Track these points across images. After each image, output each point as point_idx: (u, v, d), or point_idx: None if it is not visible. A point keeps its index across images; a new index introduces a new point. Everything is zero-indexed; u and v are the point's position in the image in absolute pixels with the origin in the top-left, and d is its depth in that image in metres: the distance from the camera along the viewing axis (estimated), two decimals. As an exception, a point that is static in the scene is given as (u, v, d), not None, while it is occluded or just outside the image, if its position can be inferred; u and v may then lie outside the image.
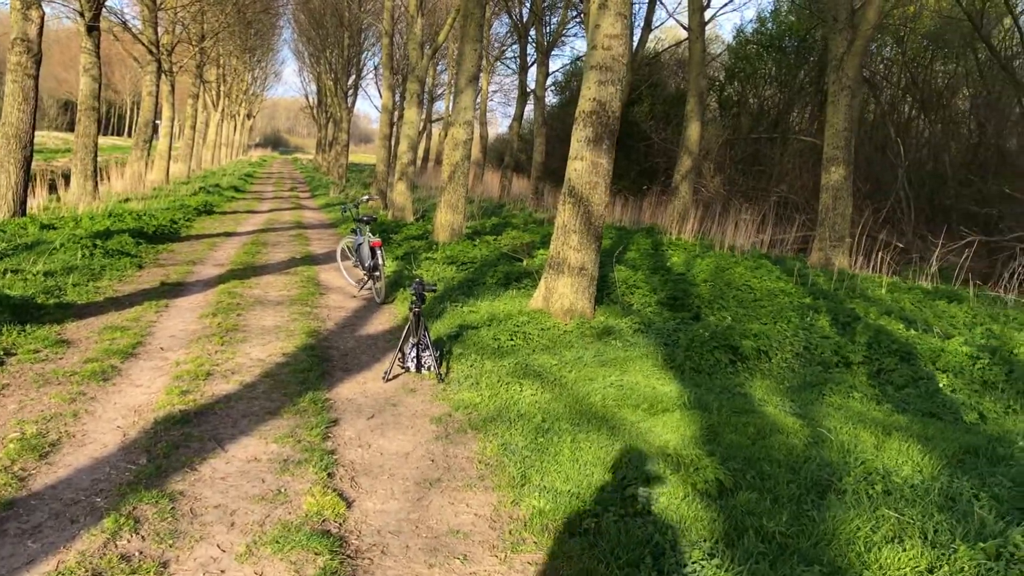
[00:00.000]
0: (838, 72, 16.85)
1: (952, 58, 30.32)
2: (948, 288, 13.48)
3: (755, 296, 11.08)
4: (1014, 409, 6.67)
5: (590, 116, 8.79)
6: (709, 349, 7.64)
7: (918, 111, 32.57)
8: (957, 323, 10.41)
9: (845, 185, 16.89)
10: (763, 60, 35.57)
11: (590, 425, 5.47)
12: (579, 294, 8.94)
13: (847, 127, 16.78)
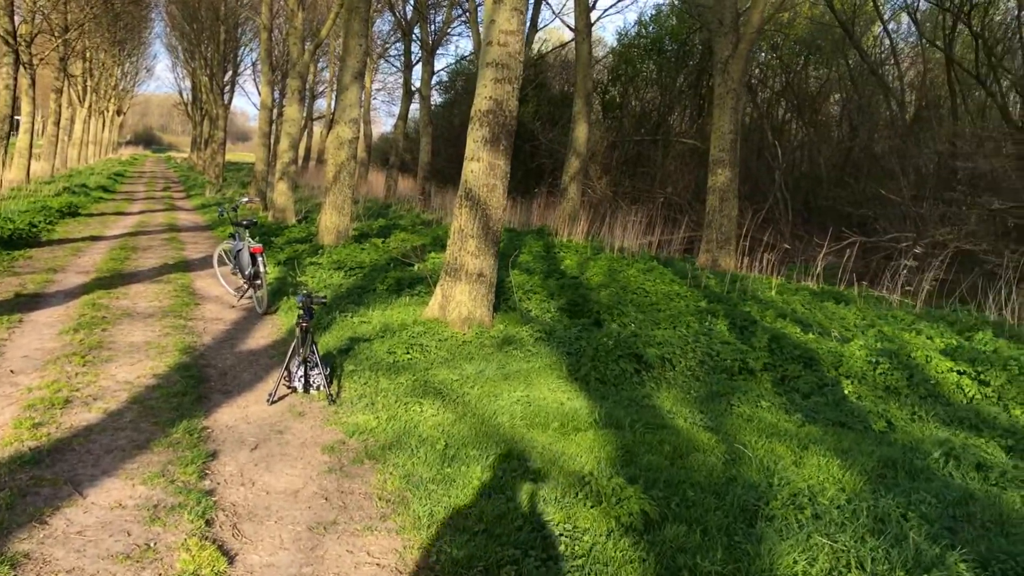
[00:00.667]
0: (723, 75, 16.99)
1: (824, 63, 31.39)
2: (834, 289, 13.70)
3: (652, 300, 10.91)
4: (920, 416, 6.61)
5: (487, 115, 8.38)
6: (614, 359, 7.34)
7: (792, 115, 33.63)
8: (848, 324, 10.49)
9: (731, 187, 17.05)
10: (644, 63, 36.01)
11: (500, 449, 5.04)
12: (478, 302, 8.52)
13: (732, 130, 16.95)
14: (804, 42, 30.98)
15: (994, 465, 5.27)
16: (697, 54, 33.38)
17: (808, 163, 30.15)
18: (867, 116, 27.67)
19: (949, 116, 22.47)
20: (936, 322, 10.54)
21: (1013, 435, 6.11)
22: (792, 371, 7.48)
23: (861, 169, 26.10)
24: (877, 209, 21.16)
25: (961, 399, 7.11)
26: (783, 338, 8.16)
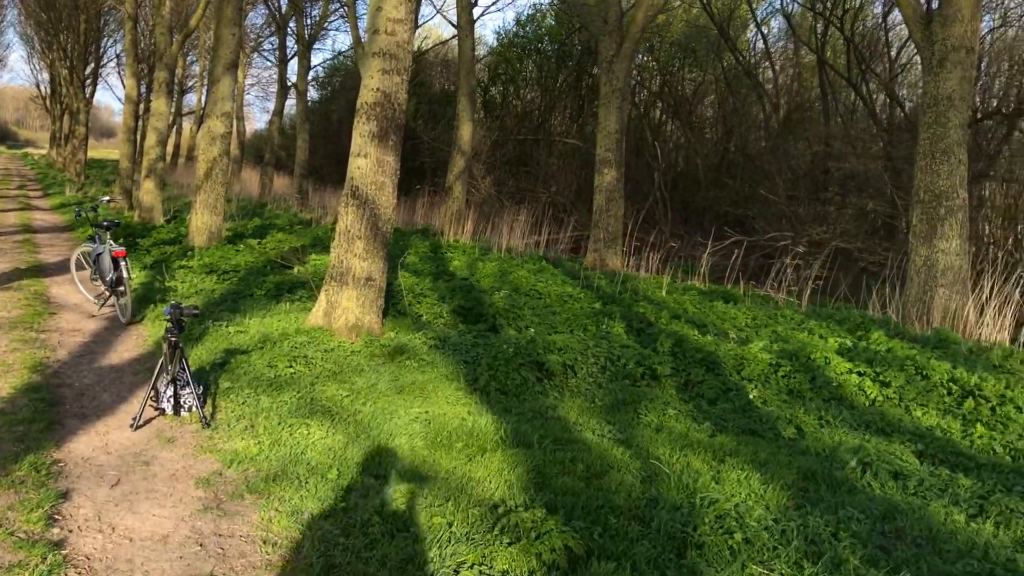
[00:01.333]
0: (608, 75, 16.89)
1: (699, 66, 31.97)
2: (721, 288, 13.74)
3: (546, 302, 10.58)
4: (827, 421, 6.47)
5: (374, 108, 7.82)
6: (515, 367, 6.93)
7: (669, 116, 34.16)
8: (739, 324, 10.44)
9: (618, 187, 16.97)
10: (524, 63, 35.90)
11: (402, 477, 4.53)
12: (366, 308, 7.96)
13: (618, 129, 16.87)
14: (679, 45, 31.47)
15: (910, 473, 5.12)
16: (576, 55, 33.46)
17: (685, 164, 30.67)
18: (742, 117, 28.32)
19: (821, 117, 23.15)
20: (824, 321, 10.62)
21: (921, 439, 6.02)
22: (696, 376, 7.25)
23: (737, 169, 26.67)
24: (755, 209, 21.58)
25: (864, 401, 7.03)
26: (685, 341, 7.94)
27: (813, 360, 7.69)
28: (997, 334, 10.14)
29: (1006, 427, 6.58)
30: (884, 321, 10.60)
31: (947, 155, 10.78)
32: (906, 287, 11.04)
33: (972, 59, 11.08)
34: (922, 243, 10.86)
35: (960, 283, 10.73)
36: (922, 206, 10.92)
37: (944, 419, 6.74)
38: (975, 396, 7.03)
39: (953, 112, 10.83)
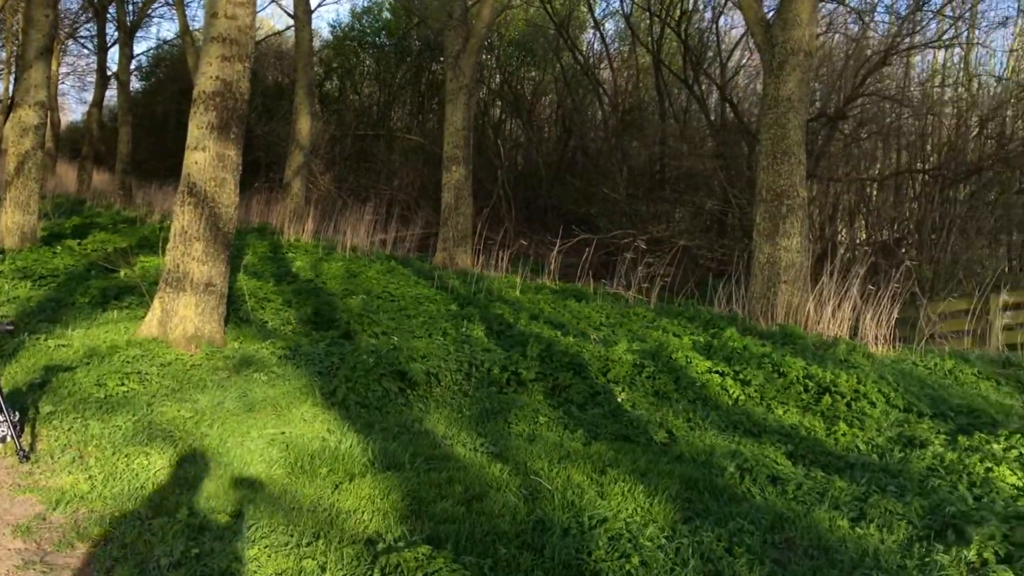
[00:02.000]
0: (455, 71, 16.57)
1: (537, 65, 32.18)
2: (573, 287, 13.70)
3: (401, 305, 10.15)
4: (696, 423, 6.40)
5: (213, 98, 7.16)
6: (375, 378, 6.50)
7: (508, 114, 34.26)
8: (594, 323, 10.38)
9: (466, 184, 16.70)
10: (361, 57, 35.09)
11: (261, 513, 4.03)
12: (207, 316, 7.29)
13: (465, 126, 16.59)
14: (518, 44, 31.57)
15: (787, 477, 5.07)
16: (415, 50, 32.99)
17: (526, 162, 30.82)
18: (581, 117, 28.70)
19: (657, 117, 23.75)
20: (675, 318, 10.72)
21: (789, 439, 6.04)
22: (564, 380, 7.04)
23: (578, 168, 27.01)
24: (597, 207, 21.88)
25: (727, 401, 7.03)
26: (552, 345, 7.73)
27: (675, 360, 7.65)
28: (837, 328, 10.55)
29: (863, 423, 6.73)
30: (732, 318, 10.82)
31: (787, 155, 11.13)
32: (751, 284, 11.32)
33: (810, 62, 11.50)
34: (765, 241, 11.16)
35: (801, 280, 11.10)
36: (765, 205, 11.23)
37: (805, 417, 6.83)
38: (831, 392, 7.18)
39: (793, 114, 11.18)
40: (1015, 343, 11.79)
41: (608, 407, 6.54)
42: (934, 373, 9.17)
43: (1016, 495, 4.88)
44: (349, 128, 31.75)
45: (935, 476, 5.10)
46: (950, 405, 7.34)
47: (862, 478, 5.13)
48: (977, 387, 8.70)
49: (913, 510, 4.53)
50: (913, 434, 6.28)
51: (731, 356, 7.89)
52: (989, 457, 5.38)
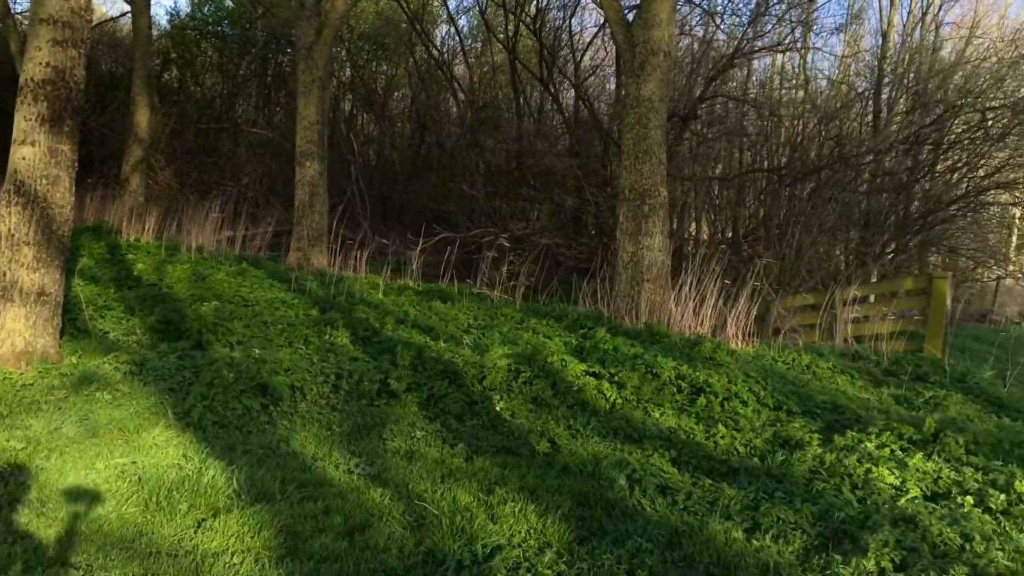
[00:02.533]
0: (307, 62, 15.89)
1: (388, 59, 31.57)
2: (437, 287, 13.38)
3: (256, 310, 9.55)
4: (577, 430, 6.23)
5: (44, 87, 6.42)
6: (235, 394, 5.99)
7: (360, 108, 33.48)
8: (462, 325, 10.12)
9: (321, 181, 16.08)
10: (202, 47, 33.41)
11: (112, 564, 3.52)
12: (40, 329, 6.54)
13: (320, 120, 15.98)
14: (369, 37, 30.87)
15: (676, 486, 4.96)
16: (260, 40, 31.70)
17: (380, 158, 30.21)
18: (435, 112, 28.35)
19: (513, 114, 23.71)
20: (543, 319, 10.60)
21: (671, 443, 5.96)
22: (439, 389, 6.73)
23: (435, 165, 26.67)
24: (456, 205, 21.60)
25: (605, 405, 6.91)
26: (423, 351, 7.39)
27: (551, 364, 7.48)
28: (699, 326, 10.71)
29: (737, 422, 6.77)
30: (597, 316, 10.80)
31: (649, 155, 11.21)
32: (615, 283, 11.34)
33: (669, 63, 11.63)
34: (629, 240, 11.21)
35: (663, 278, 11.22)
36: (628, 204, 11.27)
37: (681, 418, 6.80)
38: (705, 392, 7.19)
39: (653, 114, 11.27)
40: (860, 335, 12.33)
41: (487, 417, 6.28)
42: (793, 368, 9.42)
43: (895, 495, 4.95)
44: (191, 121, 30.16)
45: (818, 479, 5.11)
46: (816, 402, 7.51)
47: (749, 484, 5.08)
48: (835, 382, 8.98)
49: (804, 517, 4.49)
50: (788, 434, 6.34)
51: (605, 358, 7.79)
52: (866, 457, 5.46)
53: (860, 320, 12.57)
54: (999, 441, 5.96)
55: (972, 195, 18.05)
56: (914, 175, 18.76)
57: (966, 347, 13.88)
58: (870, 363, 10.74)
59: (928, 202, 18.51)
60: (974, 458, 5.59)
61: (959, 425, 6.08)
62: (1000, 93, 18.45)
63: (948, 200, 18.49)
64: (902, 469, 5.21)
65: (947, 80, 19.24)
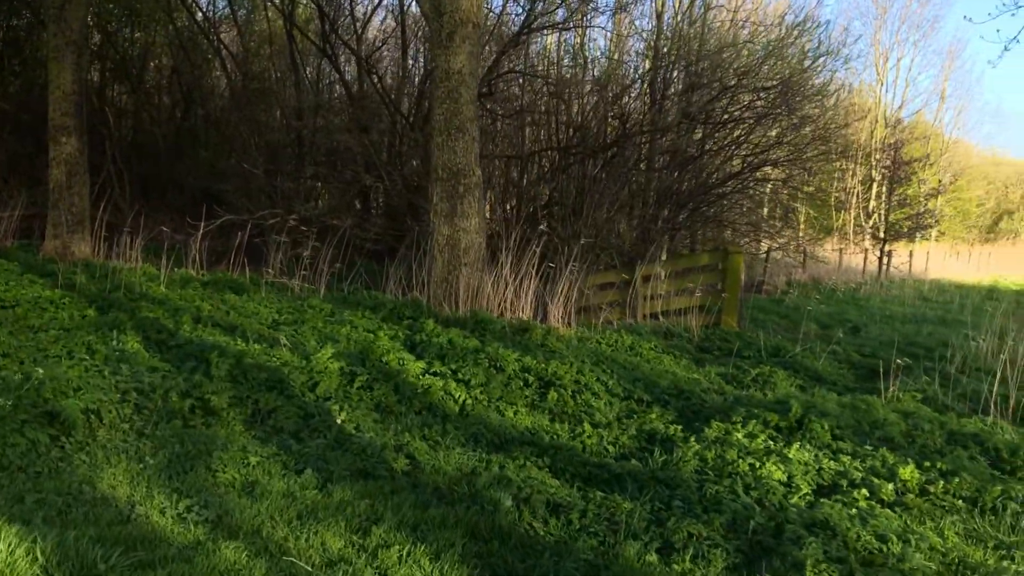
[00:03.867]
0: (60, 23, 13.86)
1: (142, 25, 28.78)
2: (226, 277, 12.10)
3: (18, 314, 8.05)
4: (433, 440, 5.57)
5: None
6: (15, 427, 4.81)
7: (112, 79, 30.40)
8: (265, 320, 9.09)
9: (81, 159, 14.15)
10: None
11: None
12: None
13: (77, 90, 14.01)
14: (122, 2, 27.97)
15: (566, 503, 4.45)
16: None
17: (139, 133, 27.57)
18: (201, 84, 26.17)
19: (292, 87, 22.27)
20: (358, 310, 9.77)
21: (539, 448, 5.45)
22: (266, 402, 5.83)
23: (205, 141, 24.67)
24: (234, 184, 19.98)
25: (455, 408, 6.30)
26: (242, 357, 6.41)
27: (388, 363, 6.76)
28: (521, 311, 10.33)
29: (593, 416, 6.39)
30: (415, 305, 10.11)
31: (462, 132, 10.63)
32: (431, 268, 10.70)
33: (478, 34, 11.07)
34: (444, 222, 10.59)
35: (480, 261, 10.73)
36: (441, 184, 10.64)
37: (536, 416, 6.34)
38: (555, 386, 6.76)
39: (464, 88, 10.69)
40: (662, 311, 12.48)
41: (329, 434, 5.47)
42: (619, 351, 9.27)
43: (787, 492, 4.72)
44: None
45: (708, 481, 4.79)
46: (661, 388, 7.31)
47: (641, 493, 4.67)
48: (662, 363, 8.90)
49: (715, 530, 4.14)
50: (651, 428, 6.04)
51: (444, 353, 7.17)
52: (743, 451, 5.22)
53: (660, 296, 12.69)
54: (858, 423, 5.97)
55: (747, 172, 18.97)
56: (693, 153, 19.46)
57: (754, 317, 14.46)
58: (683, 339, 10.85)
59: (706, 179, 19.27)
60: (842, 443, 5.53)
61: (820, 409, 6.03)
62: (769, 74, 19.50)
63: (724, 177, 19.37)
64: (786, 463, 5.00)
65: (717, 61, 20.07)
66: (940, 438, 5.89)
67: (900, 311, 17.30)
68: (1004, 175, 51.51)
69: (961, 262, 34.40)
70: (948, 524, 4.33)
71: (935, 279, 27.57)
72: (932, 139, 37.22)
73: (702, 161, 19.44)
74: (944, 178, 34.70)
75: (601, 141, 18.34)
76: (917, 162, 28.09)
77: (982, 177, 47.20)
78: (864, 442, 5.60)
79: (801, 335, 12.26)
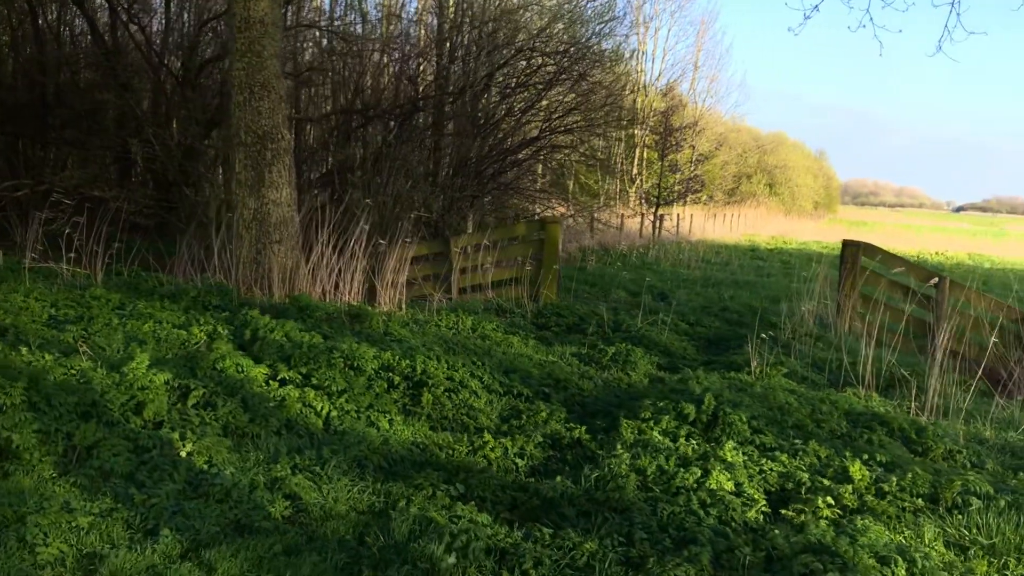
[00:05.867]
0: None
1: None
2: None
3: None
4: (312, 472, 4.44)
5: None
6: None
7: None
8: (41, 319, 7.36)
9: None
10: None
11: None
12: None
13: None
14: None
15: (510, 548, 3.60)
16: None
17: None
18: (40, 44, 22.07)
19: (30, 35, 19.21)
20: (151, 299, 8.19)
21: (440, 470, 4.54)
22: (82, 436, 4.47)
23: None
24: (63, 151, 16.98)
25: (318, 423, 5.22)
26: (39, 377, 4.93)
27: (226, 372, 5.56)
28: (348, 295, 9.24)
29: (477, 419, 5.59)
30: (223, 291, 8.69)
31: (267, 89, 9.26)
32: (237, 247, 9.29)
33: (283, -21, 9.70)
34: (250, 193, 9.22)
35: (294, 238, 9.49)
36: (245, 149, 9.24)
37: (416, 425, 5.44)
38: (428, 386, 5.86)
39: (268, 40, 9.31)
40: (478, 284, 11.85)
41: (178, 474, 4.25)
42: (462, 334, 8.51)
43: (744, 505, 4.15)
44: None
45: (659, 500, 4.11)
46: (534, 378, 6.69)
47: (590, 524, 3.92)
48: (513, 345, 8.23)
49: (703, 568, 3.47)
50: (552, 431, 5.34)
51: (287, 354, 6.06)
52: (678, 458, 4.60)
53: (477, 269, 12.00)
54: (770, 411, 5.57)
55: (544, 136, 18.65)
56: (489, 118, 18.85)
57: (565, 287, 14.13)
58: (516, 315, 10.26)
59: (502, 145, 18.74)
60: (763, 436, 5.08)
61: (729, 399, 5.55)
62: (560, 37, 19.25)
63: (521, 142, 18.94)
64: (730, 469, 4.43)
65: (508, 22, 19.53)
66: (843, 421, 5.62)
67: (692, 274, 17.74)
68: (743, 141, 55.43)
69: (717, 224, 36.52)
70: (927, 531, 3.94)
71: (699, 239, 29.00)
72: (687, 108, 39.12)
73: (498, 126, 18.88)
74: (703, 146, 36.53)
75: (393, 105, 17.29)
76: (689, 128, 29.22)
77: (726, 144, 50.49)
78: (783, 433, 5.19)
79: (612, 303, 12.05)
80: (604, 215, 25.65)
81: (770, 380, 6.98)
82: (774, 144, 60.65)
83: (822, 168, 71.48)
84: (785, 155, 60.94)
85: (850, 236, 42.06)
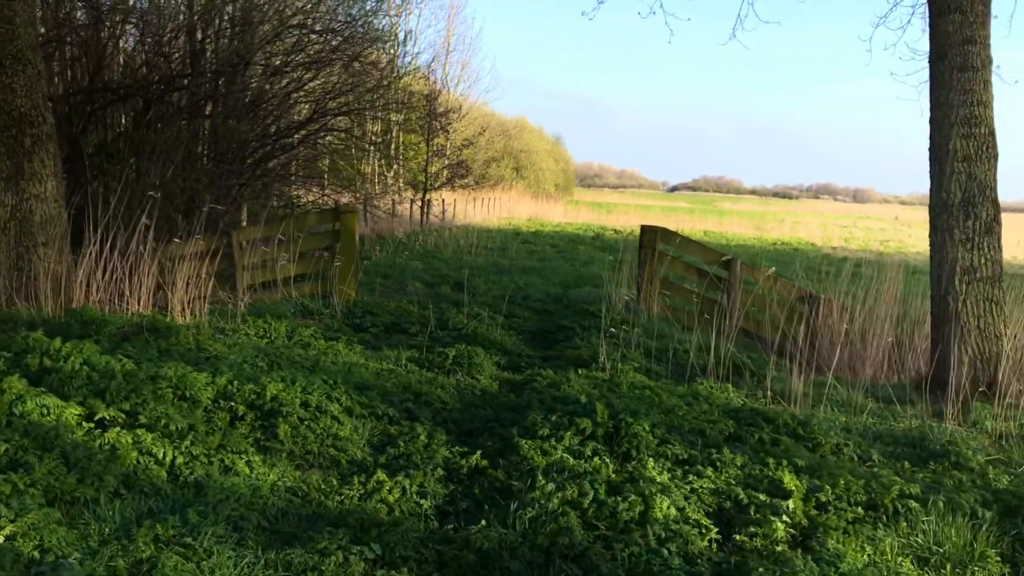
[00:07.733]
0: None
1: None
2: None
3: None
4: (172, 540, 3.52)
5: None
6: None
7: None
8: None
9: None
10: None
11: None
12: None
13: None
14: None
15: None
16: None
17: None
18: None
19: None
20: None
21: (344, 528, 3.78)
22: None
23: None
24: None
25: (163, 474, 4.24)
26: None
27: (25, 415, 4.42)
28: (136, 304, 7.98)
29: (347, 450, 4.85)
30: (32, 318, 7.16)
31: (21, 63, 7.73)
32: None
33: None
34: (6, 188, 7.65)
35: (63, 239, 8.05)
36: (-3, 135, 7.68)
37: (279, 465, 4.59)
38: (280, 415, 5.03)
39: (20, 3, 7.78)
40: (267, 282, 10.91)
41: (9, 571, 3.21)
42: (277, 343, 7.64)
43: (697, 533, 3.80)
44: None
45: (612, 541, 3.65)
46: (391, 394, 6.00)
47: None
48: (340, 354, 7.46)
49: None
50: (444, 459, 4.70)
51: (99, 388, 4.95)
52: (604, 482, 4.16)
53: (266, 265, 10.99)
54: (666, 415, 5.29)
55: (316, 119, 17.56)
56: (251, 99, 17.43)
57: (357, 280, 13.36)
58: (325, 316, 9.47)
59: (268, 128, 17.43)
60: (672, 447, 4.77)
61: (627, 408, 5.18)
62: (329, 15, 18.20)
63: (289, 126, 17.73)
64: (665, 492, 4.06)
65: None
66: (728, 420, 5.46)
67: (477, 262, 17.48)
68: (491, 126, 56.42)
69: (478, 208, 36.83)
70: (886, 545, 3.78)
71: (464, 224, 29.03)
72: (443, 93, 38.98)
73: (263, 108, 17.50)
74: (465, 131, 36.52)
75: (146, 83, 15.46)
76: (453, 112, 28.96)
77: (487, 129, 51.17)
78: (686, 440, 4.91)
79: (411, 296, 11.49)
80: (381, 202, 24.88)
81: (625, 376, 6.78)
82: (518, 129, 62.21)
83: (560, 152, 74.61)
84: (528, 140, 62.79)
85: (594, 217, 43.94)
